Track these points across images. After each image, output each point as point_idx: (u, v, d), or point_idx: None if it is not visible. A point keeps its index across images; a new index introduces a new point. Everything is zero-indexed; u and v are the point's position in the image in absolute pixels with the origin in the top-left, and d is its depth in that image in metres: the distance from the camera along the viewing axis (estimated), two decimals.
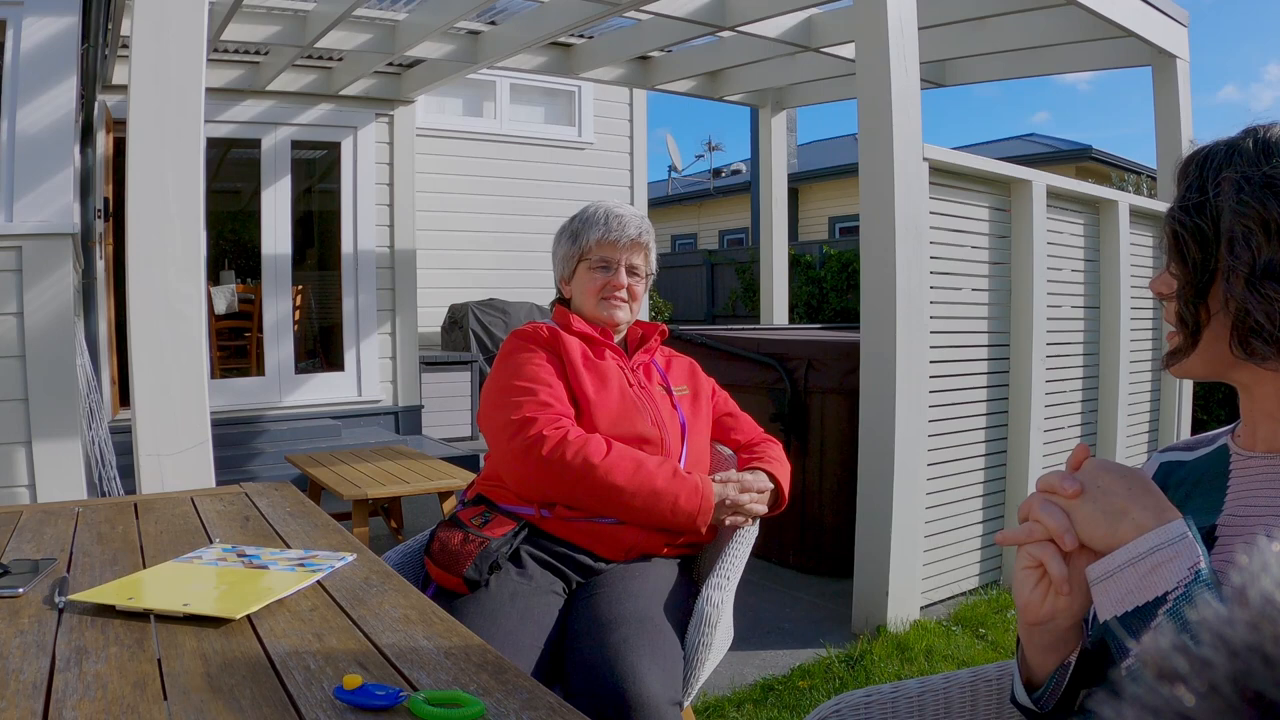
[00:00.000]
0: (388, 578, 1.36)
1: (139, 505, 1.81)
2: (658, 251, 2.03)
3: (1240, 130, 0.85)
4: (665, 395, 1.87)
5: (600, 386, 1.80)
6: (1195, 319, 0.84)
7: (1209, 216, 0.82)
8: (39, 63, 2.90)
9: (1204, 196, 0.83)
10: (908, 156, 3.06)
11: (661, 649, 1.45)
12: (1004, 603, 3.39)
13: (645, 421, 1.80)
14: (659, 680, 1.38)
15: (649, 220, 1.99)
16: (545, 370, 1.79)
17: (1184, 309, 0.84)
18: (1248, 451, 0.87)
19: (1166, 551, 0.74)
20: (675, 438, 1.81)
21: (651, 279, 2.00)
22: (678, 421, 1.85)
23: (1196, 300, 0.83)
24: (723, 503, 1.74)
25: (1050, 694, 0.88)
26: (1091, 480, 0.80)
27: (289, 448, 5.06)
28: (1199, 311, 0.83)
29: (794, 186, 13.23)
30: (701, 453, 1.88)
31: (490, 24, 4.95)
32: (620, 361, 1.89)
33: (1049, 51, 5.01)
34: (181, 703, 0.92)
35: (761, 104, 6.40)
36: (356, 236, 5.95)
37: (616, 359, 1.88)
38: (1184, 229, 0.83)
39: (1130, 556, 0.75)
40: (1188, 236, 0.83)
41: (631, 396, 1.82)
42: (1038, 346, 3.59)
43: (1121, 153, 13.59)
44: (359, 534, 3.30)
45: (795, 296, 8.46)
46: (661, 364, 1.95)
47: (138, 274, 2.30)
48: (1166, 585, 0.73)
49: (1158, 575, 0.74)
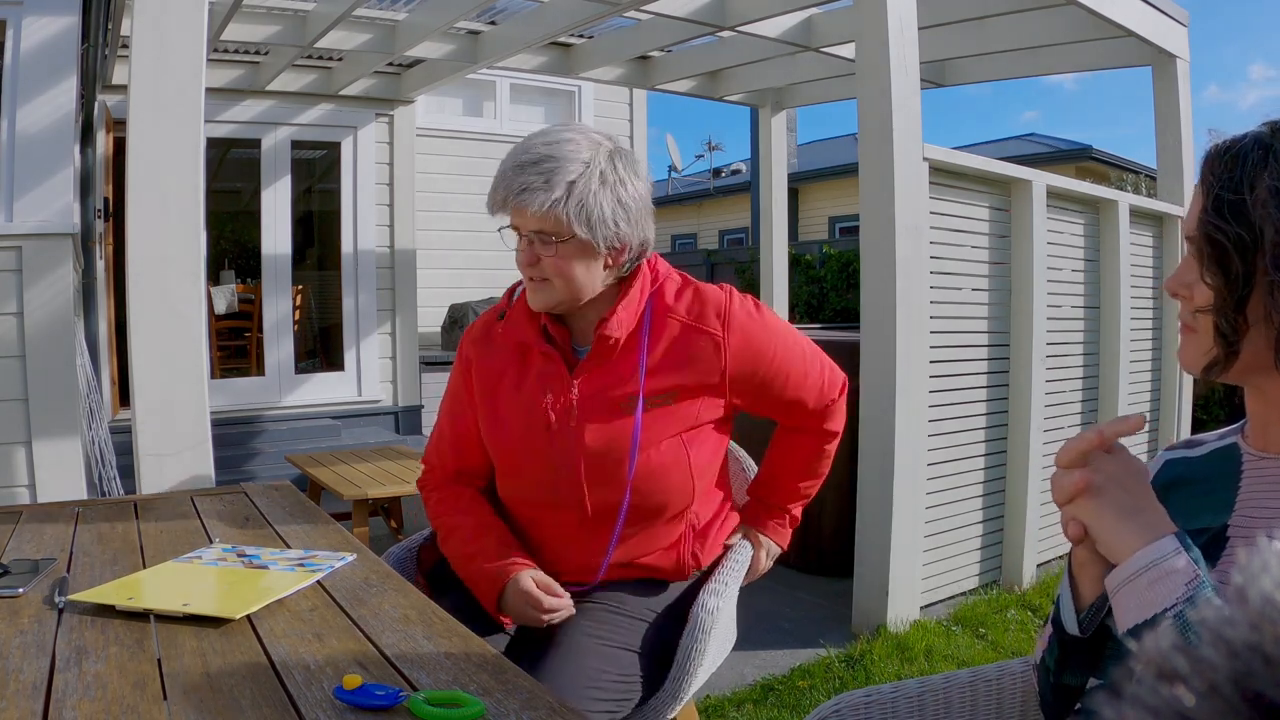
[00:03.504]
0: (388, 578, 1.36)
1: (139, 505, 1.81)
2: (655, 249, 1.49)
3: (1263, 124, 0.82)
4: (611, 413, 1.39)
5: (506, 410, 1.45)
6: (1235, 332, 0.80)
7: (1247, 223, 0.78)
8: (39, 63, 2.90)
9: (1240, 199, 0.79)
10: (908, 156, 3.06)
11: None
12: (1003, 603, 3.39)
13: (538, 466, 1.41)
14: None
15: (589, 143, 1.34)
16: (455, 384, 1.54)
17: (1224, 323, 0.80)
18: (1260, 452, 0.87)
19: (1163, 567, 0.75)
20: (601, 482, 1.39)
21: (605, 239, 1.34)
22: (620, 453, 1.38)
23: (1236, 313, 0.80)
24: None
25: (1091, 619, 0.88)
26: (1117, 472, 0.81)
27: (289, 448, 5.06)
28: (1238, 323, 0.80)
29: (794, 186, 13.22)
30: (669, 469, 1.41)
31: (490, 24, 4.95)
32: (549, 369, 1.43)
33: (1048, 51, 5.01)
34: (181, 703, 0.92)
35: (761, 104, 6.39)
36: (356, 236, 5.95)
37: (546, 367, 1.43)
38: (1225, 236, 0.79)
39: (1132, 570, 0.77)
40: (1230, 247, 0.79)
41: (537, 428, 1.41)
42: (1038, 346, 3.59)
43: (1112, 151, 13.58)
44: (359, 534, 3.30)
45: (795, 296, 8.45)
46: (657, 356, 1.40)
47: (138, 274, 2.29)
48: (1166, 601, 0.74)
49: (1159, 589, 0.75)
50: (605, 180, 1.34)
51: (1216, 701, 0.28)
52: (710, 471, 1.51)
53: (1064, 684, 0.93)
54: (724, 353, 1.42)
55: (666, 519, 1.47)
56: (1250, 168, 0.79)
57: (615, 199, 1.34)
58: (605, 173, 1.34)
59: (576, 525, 1.44)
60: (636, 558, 1.49)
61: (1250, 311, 0.80)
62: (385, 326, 6.08)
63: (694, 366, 1.42)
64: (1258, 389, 0.85)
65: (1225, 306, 0.80)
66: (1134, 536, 0.78)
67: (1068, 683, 0.93)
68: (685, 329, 1.42)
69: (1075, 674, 0.92)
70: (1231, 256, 0.79)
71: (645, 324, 1.42)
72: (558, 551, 1.48)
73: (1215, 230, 0.80)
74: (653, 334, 1.42)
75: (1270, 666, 0.28)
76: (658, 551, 1.49)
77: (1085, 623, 0.87)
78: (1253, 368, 0.82)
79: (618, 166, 1.36)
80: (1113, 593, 0.79)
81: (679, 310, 1.43)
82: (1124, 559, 0.77)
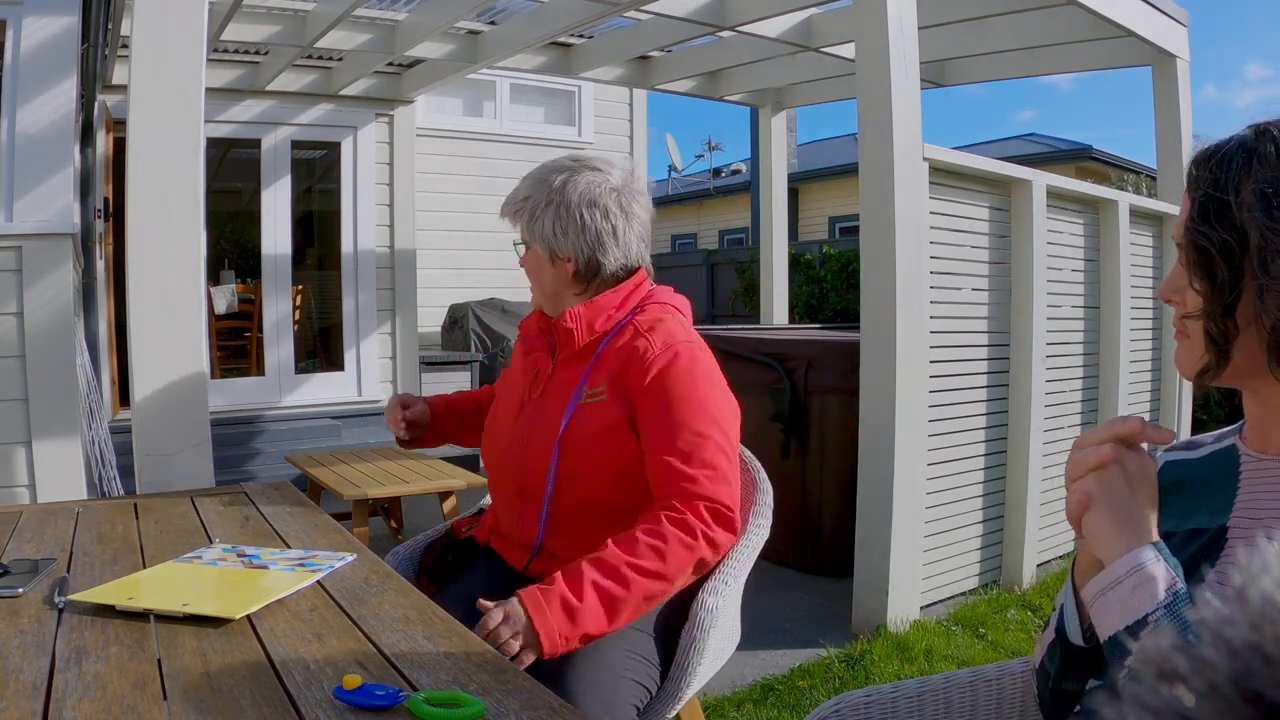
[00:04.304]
0: (388, 578, 1.36)
1: (139, 505, 1.81)
2: (654, 250, 1.68)
3: (1247, 128, 0.81)
4: (562, 400, 1.53)
5: (503, 393, 1.71)
6: (1225, 337, 0.80)
7: (1233, 227, 0.78)
8: (39, 63, 2.90)
9: (1225, 203, 0.79)
10: (908, 156, 3.06)
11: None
12: (1003, 603, 3.39)
13: (502, 437, 1.62)
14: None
15: (566, 171, 1.56)
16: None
17: (1213, 328, 0.81)
18: (1259, 454, 0.86)
19: (1140, 575, 0.76)
20: (533, 459, 1.52)
21: (545, 242, 1.56)
22: (551, 436, 1.50)
23: (1225, 318, 0.80)
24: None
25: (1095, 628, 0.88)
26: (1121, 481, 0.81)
27: (289, 448, 5.06)
28: (1228, 328, 0.80)
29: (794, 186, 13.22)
30: (584, 478, 1.48)
31: (490, 24, 4.95)
32: (539, 359, 1.64)
33: (1048, 51, 5.01)
34: (181, 703, 0.92)
35: (761, 104, 6.39)
36: (356, 236, 5.95)
37: (538, 357, 1.64)
38: (1210, 242, 0.79)
39: (1110, 580, 0.78)
40: (1215, 253, 0.79)
41: (513, 408, 1.63)
42: (1038, 346, 3.59)
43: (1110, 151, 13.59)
44: (359, 534, 3.30)
45: (795, 296, 8.45)
46: (609, 363, 1.52)
47: (138, 274, 2.29)
48: (1146, 608, 0.75)
49: (1136, 598, 0.75)
50: (551, 201, 1.55)
51: (1216, 701, 0.28)
52: (639, 474, 1.48)
53: (1063, 689, 0.93)
54: (648, 371, 1.48)
55: (601, 515, 1.49)
56: (1235, 172, 0.79)
57: (555, 217, 1.55)
58: (554, 194, 1.55)
59: (516, 496, 1.58)
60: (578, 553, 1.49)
61: (1240, 316, 0.79)
62: (385, 326, 6.08)
63: (625, 371, 1.51)
64: (1254, 392, 0.85)
65: (1214, 312, 0.80)
66: (1123, 541, 0.78)
67: (1067, 688, 0.93)
68: (633, 337, 1.53)
69: (1075, 680, 0.92)
70: (1217, 262, 0.79)
71: (613, 332, 1.56)
72: (502, 517, 1.63)
73: (1201, 236, 0.80)
74: (612, 340, 1.55)
75: (1270, 666, 0.28)
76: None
77: (1089, 632, 0.87)
78: (1247, 371, 0.82)
79: (569, 193, 1.55)
80: (1095, 597, 0.79)
81: (643, 324, 1.55)
82: (1110, 559, 0.78)
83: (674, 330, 1.53)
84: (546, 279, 1.60)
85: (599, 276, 1.58)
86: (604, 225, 1.55)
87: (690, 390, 1.46)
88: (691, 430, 1.42)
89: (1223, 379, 0.83)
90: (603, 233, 1.55)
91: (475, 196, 7.09)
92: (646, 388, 1.46)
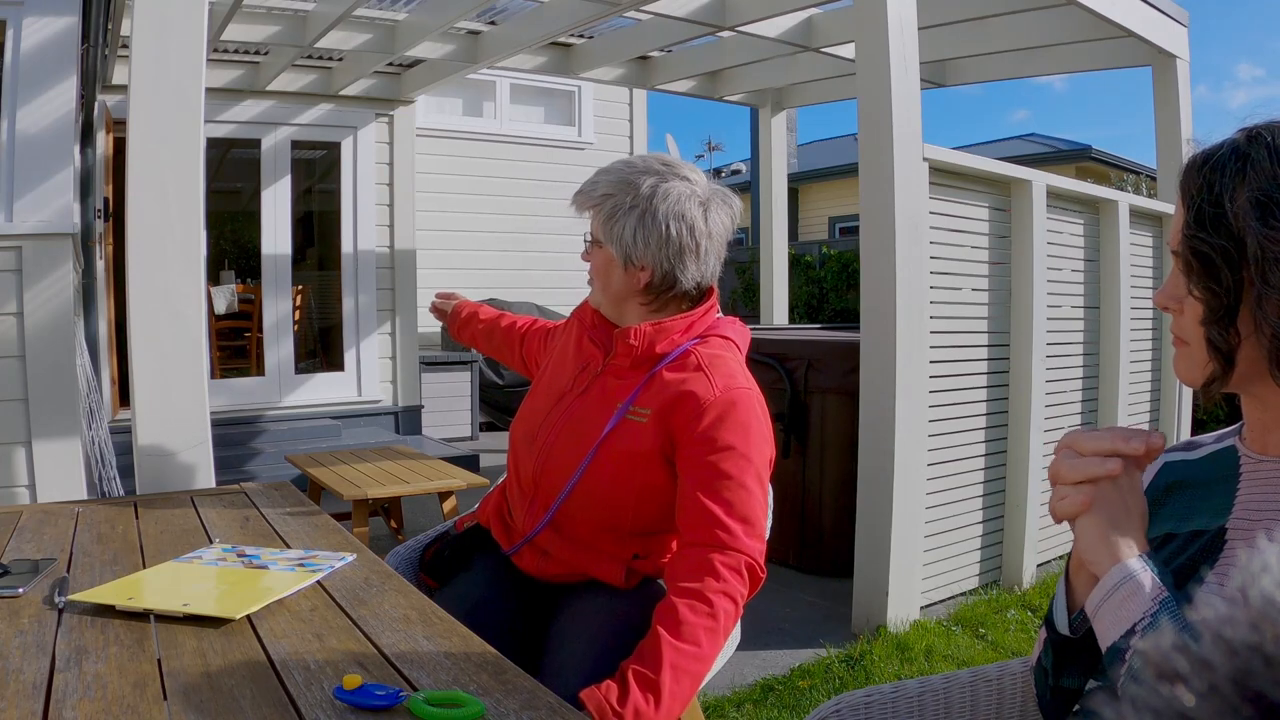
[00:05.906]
0: (388, 578, 1.36)
1: (139, 505, 1.81)
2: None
3: (1239, 131, 0.81)
4: (605, 408, 1.50)
5: (551, 366, 1.67)
6: (1229, 345, 0.80)
7: (1230, 234, 0.77)
8: (39, 63, 2.90)
9: (1220, 210, 0.78)
10: (908, 156, 3.06)
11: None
12: (1003, 603, 3.39)
13: (537, 417, 1.58)
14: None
15: (633, 169, 1.50)
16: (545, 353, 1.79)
17: (1216, 336, 0.80)
18: (1259, 455, 0.86)
19: (1131, 584, 0.76)
20: (559, 454, 1.51)
21: (621, 246, 1.48)
22: (584, 441, 1.49)
23: (1227, 326, 0.79)
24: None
25: (1083, 620, 0.87)
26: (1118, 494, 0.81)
27: (289, 448, 5.06)
28: (1230, 337, 0.79)
29: (794, 186, 13.23)
30: (603, 490, 1.48)
31: (490, 24, 4.95)
32: (591, 352, 1.59)
33: (1048, 52, 5.01)
34: (181, 703, 0.92)
35: (761, 104, 6.40)
36: (356, 236, 5.95)
37: (590, 349, 1.59)
38: (1209, 248, 0.78)
39: (1103, 592, 0.78)
40: (1217, 259, 0.78)
41: (555, 393, 1.59)
42: (1038, 346, 3.59)
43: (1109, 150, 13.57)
44: (359, 534, 3.30)
45: (795, 296, 8.45)
46: (661, 390, 1.47)
47: (138, 274, 2.29)
48: (1134, 618, 0.75)
49: (1126, 609, 0.76)
50: (636, 205, 1.46)
51: (1216, 701, 0.28)
52: (655, 503, 1.48)
53: (1062, 686, 0.93)
54: (703, 415, 1.42)
55: (604, 532, 1.51)
56: (1229, 178, 0.78)
57: (639, 223, 1.46)
58: (641, 200, 1.46)
59: (530, 482, 1.57)
60: (574, 557, 1.52)
61: (1241, 323, 0.79)
62: (385, 326, 6.08)
63: (677, 407, 1.45)
64: (1255, 397, 0.85)
65: (1216, 320, 0.79)
66: (1114, 552, 0.79)
67: (1066, 685, 0.93)
68: (693, 369, 1.47)
69: (1073, 677, 0.92)
70: (1219, 269, 0.78)
71: (672, 355, 1.50)
72: (510, 494, 1.64)
73: (1199, 243, 0.79)
74: (670, 364, 1.49)
75: (1270, 666, 0.28)
76: (601, 561, 1.51)
77: (1076, 622, 0.88)
78: (1249, 378, 0.82)
79: (657, 201, 1.45)
80: (1094, 610, 0.80)
81: (704, 356, 1.49)
82: (1100, 568, 0.79)
83: (734, 372, 1.49)
84: (615, 282, 1.52)
85: (672, 291, 1.51)
86: (689, 241, 1.47)
87: (744, 442, 1.42)
88: (738, 482, 1.39)
89: (1230, 388, 0.84)
90: (686, 249, 1.48)
91: (475, 196, 7.09)
92: (701, 431, 1.41)
